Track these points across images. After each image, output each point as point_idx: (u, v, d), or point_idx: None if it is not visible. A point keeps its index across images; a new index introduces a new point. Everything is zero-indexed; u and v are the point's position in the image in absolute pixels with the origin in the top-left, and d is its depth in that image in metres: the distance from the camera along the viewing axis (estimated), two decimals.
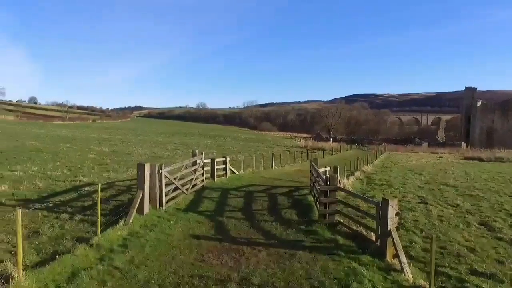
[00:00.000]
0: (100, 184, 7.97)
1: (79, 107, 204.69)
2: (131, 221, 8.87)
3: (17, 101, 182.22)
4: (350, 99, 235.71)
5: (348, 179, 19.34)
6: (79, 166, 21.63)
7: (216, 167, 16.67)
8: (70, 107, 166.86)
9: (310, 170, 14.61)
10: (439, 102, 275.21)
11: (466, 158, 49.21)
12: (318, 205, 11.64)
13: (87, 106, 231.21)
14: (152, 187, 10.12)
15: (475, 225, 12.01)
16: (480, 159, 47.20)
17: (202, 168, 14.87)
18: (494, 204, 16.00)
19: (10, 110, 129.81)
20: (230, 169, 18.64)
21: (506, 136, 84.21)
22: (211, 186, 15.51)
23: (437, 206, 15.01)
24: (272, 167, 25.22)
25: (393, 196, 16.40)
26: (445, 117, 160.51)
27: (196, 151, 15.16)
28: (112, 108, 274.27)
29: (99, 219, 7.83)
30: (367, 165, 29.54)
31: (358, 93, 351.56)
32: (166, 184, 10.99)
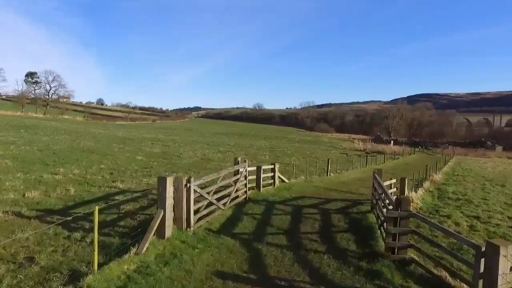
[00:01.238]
0: (97, 207, 6.19)
1: (141, 108, 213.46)
2: (144, 249, 7.06)
3: (86, 103, 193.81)
4: (412, 100, 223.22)
5: (415, 192, 16.40)
6: (123, 169, 20.70)
7: (262, 175, 14.61)
8: (133, 108, 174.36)
9: (373, 183, 12.07)
10: None
11: None
12: (382, 230, 9.19)
13: (148, 107, 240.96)
14: (177, 205, 8.30)
15: None
16: None
17: (245, 178, 12.89)
18: None
19: (79, 111, 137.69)
20: (279, 177, 16.50)
21: None
22: (255, 198, 13.48)
23: None
24: (327, 174, 22.69)
25: (475, 216, 13.41)
26: None
27: (239, 159, 13.23)
28: (172, 109, 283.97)
29: (95, 254, 6.08)
30: (436, 173, 25.94)
31: (420, 93, 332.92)
32: (197, 201, 9.13)
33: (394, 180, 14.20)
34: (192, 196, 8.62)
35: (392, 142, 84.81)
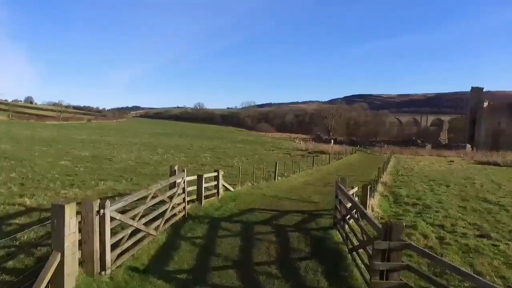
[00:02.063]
0: None
1: (75, 107, 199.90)
2: None
3: (12, 101, 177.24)
4: (349, 100, 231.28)
5: (373, 197, 15.04)
6: (39, 178, 17.30)
7: (204, 185, 12.31)
8: (66, 106, 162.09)
9: (336, 194, 10.27)
10: (438, 103, 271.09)
11: (480, 163, 45.09)
12: (356, 257, 7.38)
13: (84, 106, 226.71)
14: (86, 241, 5.82)
15: None
16: (496, 164, 43.05)
17: (184, 190, 10.52)
18: None
19: (3, 110, 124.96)
20: (223, 185, 14.28)
21: None
22: (196, 214, 11.14)
23: (508, 242, 10.74)
24: (275, 179, 20.87)
25: (439, 225, 12.22)
26: (445, 118, 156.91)
27: (176, 168, 10.82)
28: (110, 108, 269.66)
29: None
30: (383, 174, 25.24)
31: (356, 93, 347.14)
32: (115, 232, 6.68)
33: (356, 189, 12.58)
34: (109, 226, 6.16)
35: (332, 141, 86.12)
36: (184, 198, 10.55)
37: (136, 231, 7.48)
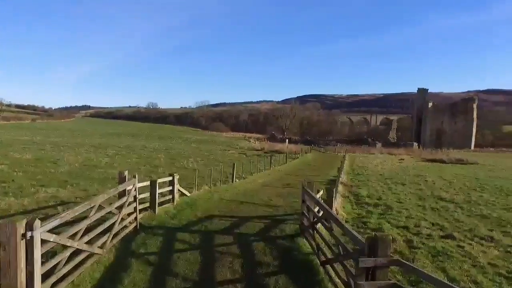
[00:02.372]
0: None
1: (18, 106, 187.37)
2: None
3: None
4: (302, 100, 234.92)
5: (336, 199, 14.62)
6: None
7: (158, 191, 11.20)
8: (7, 105, 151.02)
9: (303, 199, 9.59)
10: (386, 103, 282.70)
11: (428, 160, 46.94)
12: (330, 270, 6.71)
13: (28, 105, 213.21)
14: (6, 273, 4.64)
15: None
16: (442, 161, 45.00)
17: (135, 198, 9.38)
18: None
19: None
20: (179, 190, 13.20)
21: (453, 137, 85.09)
22: (149, 224, 10.03)
23: (471, 242, 10.65)
24: (233, 181, 19.97)
25: (403, 227, 11.98)
26: (393, 118, 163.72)
27: (126, 174, 9.64)
28: (57, 107, 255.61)
29: None
30: (341, 174, 25.19)
31: (309, 93, 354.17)
32: (44, 260, 5.51)
33: (321, 192, 12.04)
34: (39, 252, 5.00)
35: (287, 140, 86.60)
36: (135, 207, 9.41)
37: (78, 251, 6.32)
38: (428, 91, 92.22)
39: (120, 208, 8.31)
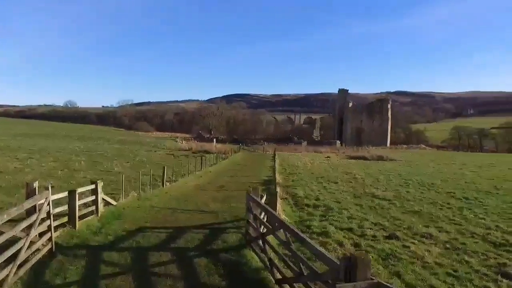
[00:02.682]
0: None
1: None
2: None
3: None
4: (228, 99, 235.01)
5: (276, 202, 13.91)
6: None
7: (79, 202, 9.46)
8: None
9: (248, 207, 8.59)
10: (308, 103, 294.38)
11: (351, 157, 49.03)
12: None
13: None
14: None
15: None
16: (365, 158, 47.28)
17: (49, 214, 7.65)
18: (464, 227, 12.27)
19: None
20: (103, 199, 11.46)
21: (371, 135, 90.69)
22: (68, 243, 8.32)
23: (413, 241, 10.58)
24: (163, 185, 18.35)
25: (348, 229, 11.61)
26: (315, 117, 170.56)
27: (35, 185, 7.85)
28: None
29: None
30: (274, 173, 24.81)
31: (235, 93, 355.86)
32: None
33: (265, 197, 11.17)
34: None
35: (214, 140, 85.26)
36: (49, 225, 7.67)
37: None
38: (348, 91, 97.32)
39: (28, 229, 6.59)
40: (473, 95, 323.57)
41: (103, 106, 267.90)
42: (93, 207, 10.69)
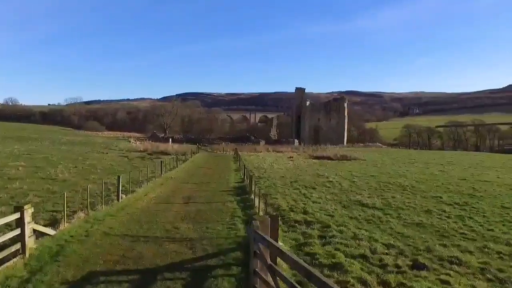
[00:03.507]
0: None
1: None
2: None
3: None
4: (182, 98, 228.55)
5: None
6: None
7: None
8: None
9: (256, 250, 5.79)
10: (262, 102, 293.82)
11: (316, 158, 47.27)
12: None
13: None
14: None
15: None
16: (329, 158, 45.69)
17: None
18: (482, 243, 10.24)
19: None
20: (35, 231, 8.13)
21: (329, 133, 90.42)
22: None
23: (446, 272, 8.34)
24: (118, 198, 14.92)
25: (361, 256, 9.14)
26: (271, 115, 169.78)
27: None
28: None
29: None
30: (244, 178, 22.07)
31: (189, 91, 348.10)
32: None
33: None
34: None
35: (170, 140, 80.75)
36: None
37: None
38: (307, 89, 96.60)
39: None
40: (418, 95, 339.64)
41: (49, 104, 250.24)
42: (18, 246, 7.38)
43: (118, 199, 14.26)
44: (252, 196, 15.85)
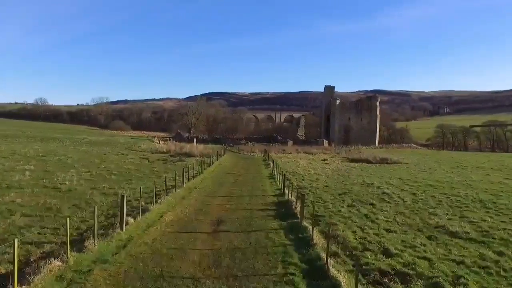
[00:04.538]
0: None
1: None
2: None
3: None
4: (207, 97, 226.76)
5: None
6: None
7: None
8: None
9: None
10: (287, 101, 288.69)
11: (353, 161, 42.52)
12: None
13: None
14: None
15: None
16: (368, 161, 40.84)
17: None
18: None
19: None
20: None
21: (360, 133, 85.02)
22: None
23: None
24: (122, 226, 10.90)
25: None
26: (296, 115, 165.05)
27: None
28: None
29: None
30: (283, 190, 17.92)
31: (213, 91, 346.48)
32: None
33: None
34: None
35: (195, 140, 77.47)
36: None
37: None
38: (335, 88, 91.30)
39: None
40: (447, 94, 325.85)
41: (78, 104, 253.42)
42: None
43: (121, 227, 10.28)
44: (304, 223, 11.62)
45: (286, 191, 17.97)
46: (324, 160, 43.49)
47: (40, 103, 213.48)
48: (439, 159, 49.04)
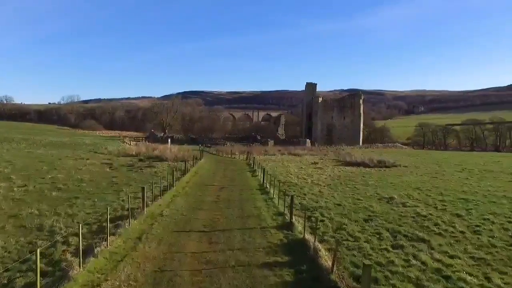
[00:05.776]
0: None
1: None
2: None
3: None
4: (183, 96, 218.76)
5: None
6: None
7: None
8: None
9: None
10: (264, 100, 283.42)
11: (348, 164, 37.30)
12: None
13: None
14: None
15: None
16: (366, 165, 35.67)
17: None
18: None
19: None
20: None
21: (343, 133, 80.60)
22: None
23: None
24: None
25: None
26: (273, 113, 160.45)
27: None
28: None
29: None
30: (284, 209, 12.28)
31: (190, 89, 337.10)
32: None
33: None
34: None
35: (169, 140, 70.59)
36: None
37: None
38: (317, 85, 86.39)
39: None
40: (421, 94, 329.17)
41: (49, 103, 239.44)
42: None
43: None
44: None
45: (295, 221, 12.26)
46: (315, 163, 38.13)
47: (5, 101, 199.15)
48: (435, 160, 44.73)
